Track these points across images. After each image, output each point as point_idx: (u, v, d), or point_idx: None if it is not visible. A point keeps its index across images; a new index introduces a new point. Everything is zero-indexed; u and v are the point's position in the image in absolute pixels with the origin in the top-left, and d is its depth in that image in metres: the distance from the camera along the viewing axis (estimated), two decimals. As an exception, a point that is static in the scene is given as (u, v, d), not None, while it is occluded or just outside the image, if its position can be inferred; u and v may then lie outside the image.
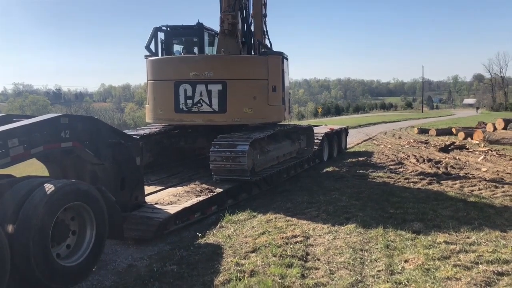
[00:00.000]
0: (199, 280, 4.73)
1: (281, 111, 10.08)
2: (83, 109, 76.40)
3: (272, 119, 10.05)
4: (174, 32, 10.65)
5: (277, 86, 9.77)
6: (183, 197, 7.57)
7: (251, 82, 9.50)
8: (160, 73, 9.82)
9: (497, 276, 4.55)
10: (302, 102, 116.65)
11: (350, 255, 5.23)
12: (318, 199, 8.08)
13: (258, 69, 9.62)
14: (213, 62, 9.55)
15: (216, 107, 9.28)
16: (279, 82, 9.84)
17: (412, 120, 41.89)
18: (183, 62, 9.69)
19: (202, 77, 9.25)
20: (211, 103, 9.28)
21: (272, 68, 9.69)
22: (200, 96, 9.30)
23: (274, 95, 9.72)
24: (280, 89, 9.87)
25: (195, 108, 9.35)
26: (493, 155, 14.70)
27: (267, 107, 9.64)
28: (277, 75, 9.79)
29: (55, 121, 5.32)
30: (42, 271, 4.43)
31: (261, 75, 9.59)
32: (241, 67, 9.57)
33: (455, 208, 7.35)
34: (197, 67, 9.35)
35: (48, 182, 4.76)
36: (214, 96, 9.25)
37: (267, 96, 9.61)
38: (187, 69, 9.38)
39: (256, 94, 9.47)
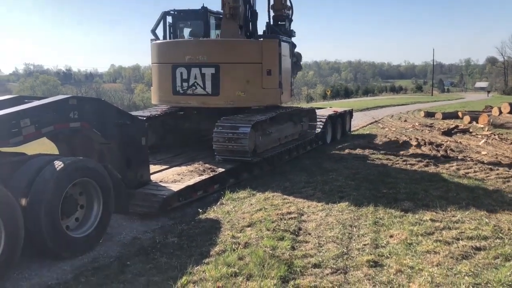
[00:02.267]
0: (197, 251, 5.12)
1: (277, 95, 10.19)
2: (93, 90, 77.00)
3: (266, 102, 10.20)
4: (180, 16, 10.94)
5: (273, 70, 9.89)
6: (186, 176, 7.94)
7: (244, 66, 9.74)
8: (160, 57, 10.25)
9: (475, 250, 4.87)
10: (311, 84, 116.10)
11: (340, 230, 5.58)
12: (315, 179, 8.41)
13: (251, 52, 9.80)
14: (206, 46, 9.89)
15: (209, 90, 9.63)
16: (275, 66, 9.93)
17: (420, 103, 41.77)
18: (179, 46, 10.12)
19: (196, 60, 9.62)
20: (205, 86, 9.64)
21: (266, 52, 9.81)
22: (195, 79, 9.66)
23: (268, 78, 9.86)
24: (276, 73, 9.97)
25: (190, 91, 9.77)
26: (495, 138, 14.85)
27: (261, 90, 9.83)
28: (272, 59, 9.88)
29: (64, 102, 5.66)
30: (53, 241, 4.84)
31: (255, 59, 9.77)
32: (234, 50, 9.80)
33: (446, 189, 7.64)
34: (191, 51, 9.73)
35: (58, 159, 5.14)
36: (207, 79, 9.60)
37: (261, 80, 9.80)
38: (183, 53, 9.79)
39: (249, 78, 9.70)
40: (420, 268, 4.48)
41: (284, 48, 10.34)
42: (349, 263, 4.65)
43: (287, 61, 10.65)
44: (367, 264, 4.59)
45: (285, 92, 10.50)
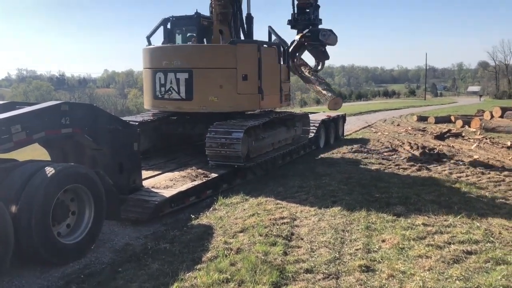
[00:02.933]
0: (189, 257, 5.10)
1: (255, 100, 9.97)
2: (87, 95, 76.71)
3: (242, 108, 10.03)
4: (177, 22, 11.06)
5: (250, 75, 9.74)
6: (179, 182, 7.92)
7: (217, 71, 9.67)
8: (146, 62, 10.40)
9: (466, 254, 4.89)
10: (305, 89, 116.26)
11: (332, 235, 5.58)
12: (309, 183, 8.42)
13: (224, 57, 9.72)
14: (180, 52, 9.96)
15: (183, 95, 9.69)
16: (252, 70, 9.77)
17: (414, 107, 41.99)
18: (158, 52, 10.19)
19: (172, 65, 9.71)
20: (179, 91, 9.71)
21: (242, 57, 9.69)
22: (171, 84, 9.77)
23: (244, 84, 9.73)
24: (254, 78, 9.80)
25: (167, 95, 9.88)
26: (487, 142, 14.97)
27: (236, 95, 9.71)
28: (249, 64, 9.75)
29: (56, 108, 5.65)
30: (44, 248, 4.81)
31: (228, 64, 9.67)
32: (207, 55, 9.80)
33: (438, 193, 7.67)
34: (167, 56, 9.84)
35: (49, 165, 5.12)
36: (182, 84, 9.66)
37: (236, 85, 9.69)
38: (161, 58, 9.92)
39: (223, 83, 9.63)
40: (412, 272, 4.49)
41: (266, 52, 10.15)
42: (341, 268, 4.65)
43: (273, 66, 10.40)
44: (359, 269, 4.59)
45: (270, 97, 10.28)
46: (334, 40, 11.96)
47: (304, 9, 11.85)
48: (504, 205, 7.10)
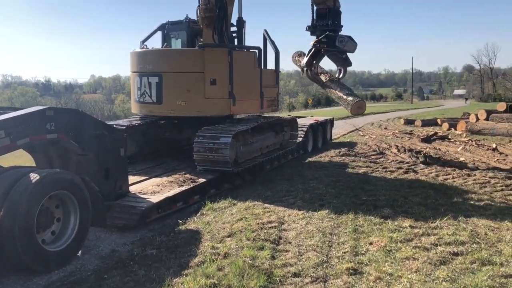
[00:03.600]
0: (176, 262, 5.06)
1: (225, 105, 9.86)
2: (73, 101, 76.13)
3: (210, 112, 9.89)
4: (171, 27, 11.15)
5: (219, 79, 9.68)
6: (166, 187, 7.86)
7: (185, 75, 9.70)
8: (130, 66, 10.55)
9: (452, 256, 4.92)
10: (293, 93, 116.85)
11: (320, 239, 5.58)
12: (296, 187, 8.42)
13: (192, 62, 9.73)
14: (151, 56, 10.08)
15: (154, 99, 9.84)
16: (222, 75, 9.69)
17: (401, 111, 42.37)
18: (135, 56, 10.30)
19: (145, 69, 9.91)
20: (151, 95, 9.87)
21: (210, 61, 9.67)
22: (144, 87, 9.96)
23: (213, 88, 9.67)
24: (224, 83, 9.70)
25: (141, 99, 10.05)
26: (472, 145, 15.14)
27: (203, 100, 9.69)
28: (219, 68, 9.70)
29: (41, 113, 5.58)
30: (28, 255, 4.73)
31: (196, 68, 9.68)
32: (174, 60, 9.86)
33: (425, 195, 7.72)
34: (142, 61, 10.01)
35: (34, 171, 5.04)
36: (153, 88, 9.81)
37: (203, 89, 9.67)
38: (138, 63, 10.08)
39: (190, 87, 9.65)
40: (399, 274, 4.50)
41: (240, 57, 10.07)
42: (329, 272, 4.65)
43: (249, 71, 10.23)
44: (347, 272, 4.59)
45: (246, 102, 10.15)
46: (353, 46, 11.40)
47: (324, 15, 11.36)
48: (490, 207, 7.17)
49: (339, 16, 11.54)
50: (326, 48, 11.10)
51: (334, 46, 11.13)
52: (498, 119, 19.72)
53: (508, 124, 18.41)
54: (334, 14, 11.31)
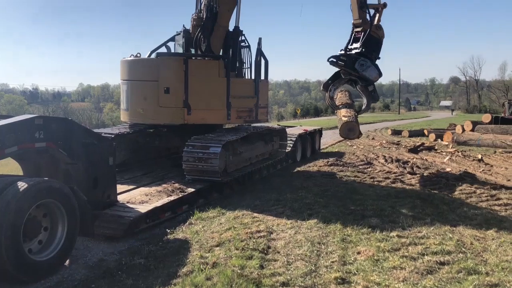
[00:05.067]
0: (164, 272, 5.05)
1: (178, 114, 9.78)
2: (61, 109, 75.38)
3: (164, 121, 9.97)
4: (174, 37, 11.31)
5: (172, 88, 9.68)
6: (154, 197, 7.83)
7: (142, 83, 9.96)
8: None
9: (439, 265, 4.99)
10: (282, 103, 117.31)
11: (308, 248, 5.61)
12: (285, 197, 8.45)
13: (148, 70, 9.91)
14: (123, 65, 10.37)
15: (125, 106, 10.28)
16: (176, 84, 9.67)
17: (388, 121, 42.73)
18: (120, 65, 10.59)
19: (121, 78, 10.40)
20: (123, 102, 10.33)
21: (164, 70, 9.75)
22: (121, 95, 10.54)
23: (167, 97, 9.71)
24: (178, 91, 9.66)
25: (121, 106, 10.59)
26: (459, 155, 15.35)
27: (158, 108, 9.77)
28: (172, 77, 9.72)
29: (29, 122, 5.55)
30: (14, 265, 4.67)
31: (151, 77, 9.81)
32: (136, 69, 10.09)
33: (412, 205, 7.81)
34: (121, 69, 10.42)
35: (21, 180, 5.00)
36: (124, 95, 10.30)
37: (158, 98, 9.74)
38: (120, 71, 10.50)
39: (147, 95, 9.84)
40: (387, 284, 4.54)
41: (200, 66, 10.01)
42: (317, 281, 4.67)
43: (211, 80, 9.99)
44: (335, 281, 4.62)
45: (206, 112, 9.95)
46: (373, 74, 10.53)
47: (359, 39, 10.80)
48: (475, 217, 7.27)
49: (376, 44, 10.84)
50: (343, 67, 10.52)
51: (352, 68, 10.46)
52: (483, 130, 20.02)
53: (493, 135, 18.71)
54: (369, 39, 10.65)
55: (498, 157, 15.15)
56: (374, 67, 10.52)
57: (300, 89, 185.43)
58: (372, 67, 10.49)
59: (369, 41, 10.69)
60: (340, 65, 10.61)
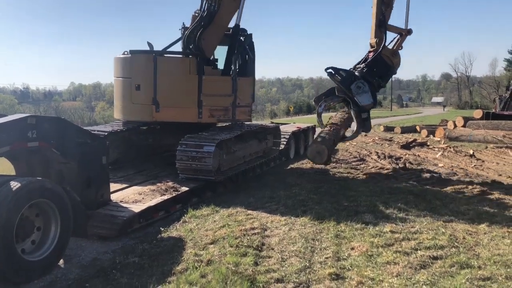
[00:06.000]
0: (159, 270, 5.05)
1: (147, 111, 9.83)
2: (52, 108, 74.99)
3: (134, 117, 10.15)
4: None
5: (142, 86, 9.75)
6: (148, 196, 7.81)
7: (120, 81, 10.19)
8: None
9: (432, 260, 5.03)
10: (274, 100, 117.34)
11: (302, 244, 5.63)
12: (279, 194, 8.46)
13: (123, 68, 10.09)
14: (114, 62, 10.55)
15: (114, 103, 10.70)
16: (146, 81, 9.72)
17: (380, 118, 42.82)
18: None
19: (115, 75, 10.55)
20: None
21: (136, 67, 9.85)
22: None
23: (137, 94, 9.82)
24: (147, 89, 9.70)
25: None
26: (451, 151, 15.45)
27: (130, 105, 9.97)
28: (143, 74, 9.77)
29: (22, 121, 5.50)
30: (7, 266, 4.64)
31: (125, 74, 10.04)
32: (116, 66, 10.31)
33: (405, 201, 7.86)
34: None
35: (13, 179, 4.96)
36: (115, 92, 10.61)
37: (130, 95, 9.91)
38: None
39: (123, 93, 10.09)
40: (381, 279, 4.57)
41: (169, 63, 10.03)
42: (311, 277, 4.69)
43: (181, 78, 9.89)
44: (329, 277, 4.65)
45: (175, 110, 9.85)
46: (366, 102, 9.82)
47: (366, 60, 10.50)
48: (468, 211, 7.33)
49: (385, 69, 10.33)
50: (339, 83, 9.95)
51: (347, 88, 9.85)
52: (475, 126, 20.17)
53: (485, 131, 18.85)
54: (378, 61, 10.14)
55: (489, 152, 15.28)
56: (370, 95, 9.83)
57: (292, 86, 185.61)
58: (368, 93, 9.81)
59: (378, 64, 10.14)
60: (336, 80, 10.05)
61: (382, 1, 10.35)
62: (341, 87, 9.96)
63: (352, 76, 9.92)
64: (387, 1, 10.44)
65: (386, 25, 10.34)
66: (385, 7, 10.38)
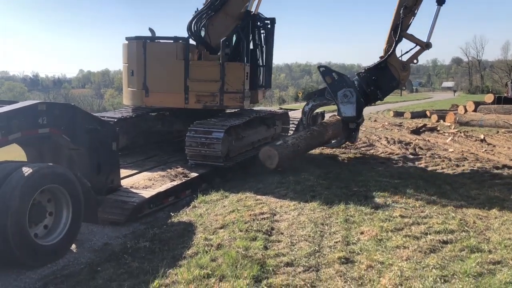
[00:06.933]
0: (170, 254, 5.10)
1: (138, 96, 10.01)
2: (62, 96, 75.30)
3: (128, 102, 10.52)
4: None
5: (135, 71, 9.94)
6: (158, 181, 7.86)
7: (124, 66, 10.46)
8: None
9: (442, 244, 5.02)
10: (283, 86, 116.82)
11: (311, 229, 5.64)
12: (288, 179, 8.44)
13: (124, 54, 10.32)
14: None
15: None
16: (138, 66, 9.86)
17: (390, 103, 42.43)
18: None
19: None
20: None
21: (130, 53, 10.02)
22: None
23: (132, 79, 10.06)
24: (139, 74, 9.85)
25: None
26: (461, 136, 15.33)
27: (127, 90, 10.34)
28: (136, 60, 9.90)
29: (32, 108, 5.55)
30: (21, 250, 4.72)
31: (125, 60, 10.33)
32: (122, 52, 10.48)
33: (415, 186, 7.82)
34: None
35: (25, 165, 5.02)
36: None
37: (127, 80, 10.26)
38: None
39: (124, 78, 10.43)
40: (390, 263, 4.58)
41: (158, 48, 9.98)
42: (321, 261, 4.71)
43: (169, 63, 9.84)
44: (339, 261, 4.66)
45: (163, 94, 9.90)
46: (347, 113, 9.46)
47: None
48: (478, 196, 7.29)
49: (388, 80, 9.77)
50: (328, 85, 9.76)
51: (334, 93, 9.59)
52: (486, 111, 19.96)
53: (496, 116, 18.65)
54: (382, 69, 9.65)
55: (500, 137, 15.12)
56: (355, 107, 9.39)
57: (301, 72, 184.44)
58: (353, 105, 9.38)
59: (381, 73, 9.59)
60: (325, 81, 9.81)
61: (404, 5, 9.40)
62: (329, 91, 9.69)
63: (343, 82, 9.58)
64: (409, 5, 9.44)
65: (402, 32, 9.51)
66: (405, 12, 9.39)
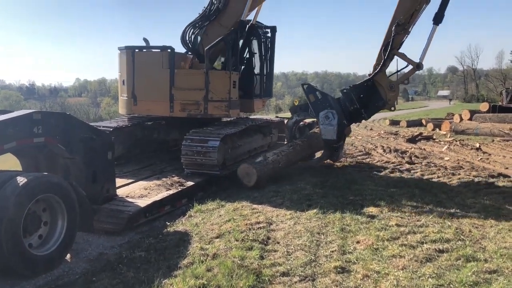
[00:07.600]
0: (165, 264, 5.07)
1: (128, 104, 10.15)
2: (58, 104, 75.11)
3: (120, 111, 10.78)
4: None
5: (126, 80, 10.14)
6: (153, 190, 7.84)
7: (118, 76, 10.68)
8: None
9: (438, 253, 5.01)
10: (279, 95, 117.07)
11: (308, 238, 5.63)
12: (284, 188, 8.45)
13: (119, 63, 10.47)
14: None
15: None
16: (127, 75, 10.05)
17: (386, 112, 42.58)
18: None
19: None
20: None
21: (122, 62, 10.23)
22: None
23: (123, 88, 10.30)
24: (128, 83, 10.04)
25: None
26: (457, 144, 15.38)
27: (120, 98, 10.59)
28: (126, 69, 10.06)
29: (28, 117, 5.55)
30: (15, 260, 4.69)
31: (119, 69, 10.50)
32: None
33: (411, 195, 7.83)
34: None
35: (20, 175, 5.01)
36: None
37: (120, 89, 10.56)
38: None
39: (119, 87, 10.76)
40: (386, 272, 4.57)
41: (144, 57, 10.00)
42: (317, 270, 4.70)
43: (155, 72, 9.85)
44: (335, 271, 4.65)
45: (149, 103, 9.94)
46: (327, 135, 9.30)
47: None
48: (474, 205, 7.30)
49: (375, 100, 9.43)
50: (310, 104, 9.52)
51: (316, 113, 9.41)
52: (481, 119, 20.05)
53: (491, 124, 18.74)
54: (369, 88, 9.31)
55: (496, 146, 15.19)
56: (335, 130, 9.15)
57: (297, 81, 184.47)
58: (334, 128, 9.14)
59: (366, 91, 9.34)
60: (308, 99, 9.60)
61: (397, 22, 9.01)
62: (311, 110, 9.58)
63: (326, 102, 9.33)
64: (402, 22, 9.03)
65: (393, 50, 9.17)
66: (397, 29, 9.00)
